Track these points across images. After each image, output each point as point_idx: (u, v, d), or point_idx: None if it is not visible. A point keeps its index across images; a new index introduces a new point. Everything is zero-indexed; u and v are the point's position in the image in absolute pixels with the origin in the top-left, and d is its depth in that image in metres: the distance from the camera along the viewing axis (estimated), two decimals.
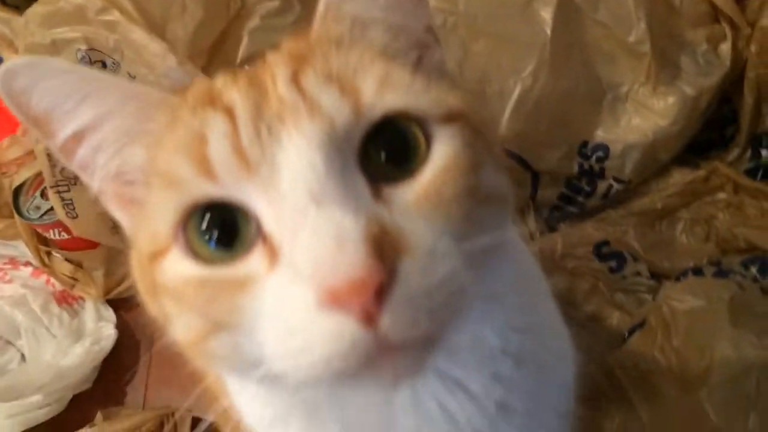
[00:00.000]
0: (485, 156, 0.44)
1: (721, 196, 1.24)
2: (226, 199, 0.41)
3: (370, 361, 0.37)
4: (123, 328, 1.43)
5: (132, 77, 1.05)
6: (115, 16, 1.05)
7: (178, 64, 1.01)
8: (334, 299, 0.36)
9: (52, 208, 1.32)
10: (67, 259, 1.45)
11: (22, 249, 1.59)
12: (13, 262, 1.56)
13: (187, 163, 0.41)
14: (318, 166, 0.39)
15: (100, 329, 1.41)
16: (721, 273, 1.03)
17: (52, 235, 1.38)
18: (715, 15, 1.26)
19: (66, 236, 1.37)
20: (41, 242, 1.44)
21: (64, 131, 0.46)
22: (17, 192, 1.39)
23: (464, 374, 0.50)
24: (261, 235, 0.40)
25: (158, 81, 1.03)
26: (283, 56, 0.45)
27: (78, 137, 0.46)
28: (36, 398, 1.27)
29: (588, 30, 1.19)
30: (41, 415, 1.30)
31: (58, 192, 1.18)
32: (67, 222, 1.23)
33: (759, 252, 1.09)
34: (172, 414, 1.26)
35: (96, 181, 0.48)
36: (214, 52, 1.12)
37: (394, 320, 0.36)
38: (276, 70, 0.43)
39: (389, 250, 0.37)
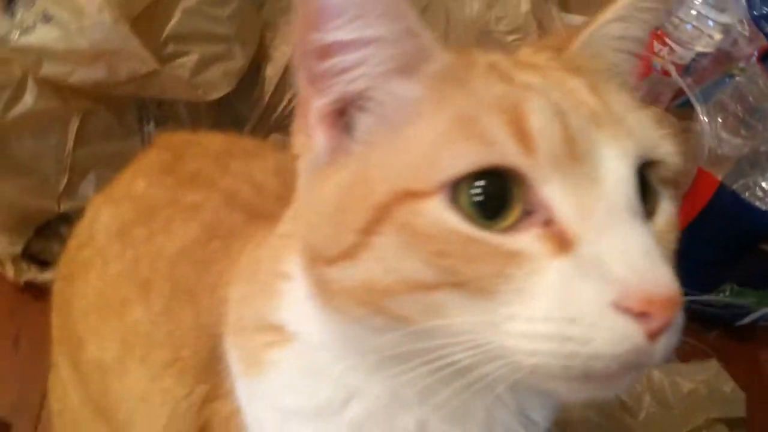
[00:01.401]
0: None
1: None
2: (523, 173, 0.40)
3: (627, 370, 0.40)
4: None
5: (48, 17, 0.91)
6: None
7: (113, 22, 0.89)
8: (644, 306, 0.37)
9: None
10: None
11: None
12: None
13: (500, 127, 0.40)
14: (631, 180, 0.41)
15: None
16: None
17: None
18: None
19: None
20: None
21: (328, 36, 0.44)
22: None
23: (528, 403, 0.52)
24: (538, 217, 0.41)
25: (81, 32, 0.90)
26: (557, 61, 0.48)
27: (339, 47, 0.44)
28: None
29: None
30: None
31: None
32: None
33: None
34: None
35: (326, 93, 0.46)
36: (141, 21, 1.02)
37: (666, 342, 0.39)
38: (562, 72, 0.46)
39: None
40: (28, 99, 1.04)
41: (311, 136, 0.48)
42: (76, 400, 0.80)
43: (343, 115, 0.47)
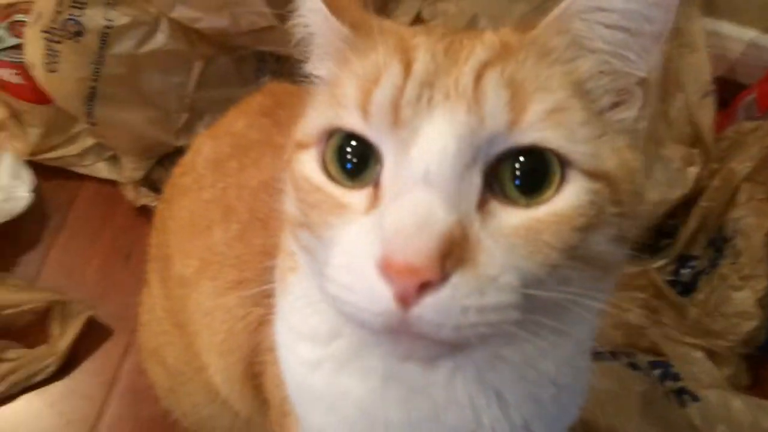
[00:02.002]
0: (610, 224, 0.44)
1: (640, 295, 1.36)
2: (367, 139, 0.44)
3: (391, 332, 0.41)
4: (37, 196, 1.33)
5: None
6: None
7: None
8: (388, 269, 0.38)
9: (18, 47, 1.21)
10: (3, 103, 1.32)
11: None
12: None
13: (354, 93, 0.44)
14: (448, 153, 0.40)
15: (14, 188, 1.30)
16: (633, 366, 1.14)
17: (4, 74, 1.25)
18: (695, 141, 1.39)
19: (21, 81, 1.25)
20: None
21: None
22: None
23: (504, 384, 0.53)
24: (372, 184, 0.44)
25: None
26: (492, 42, 0.46)
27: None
28: None
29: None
30: None
31: (49, 39, 1.08)
32: (40, 72, 1.13)
33: (662, 358, 1.21)
34: (64, 303, 1.19)
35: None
36: None
37: (422, 315, 0.39)
38: (476, 51, 0.44)
39: (456, 256, 0.39)
40: (160, 37, 1.14)
41: None
42: (160, 313, 0.89)
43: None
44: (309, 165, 0.46)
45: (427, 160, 0.40)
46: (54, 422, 1.12)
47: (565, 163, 0.42)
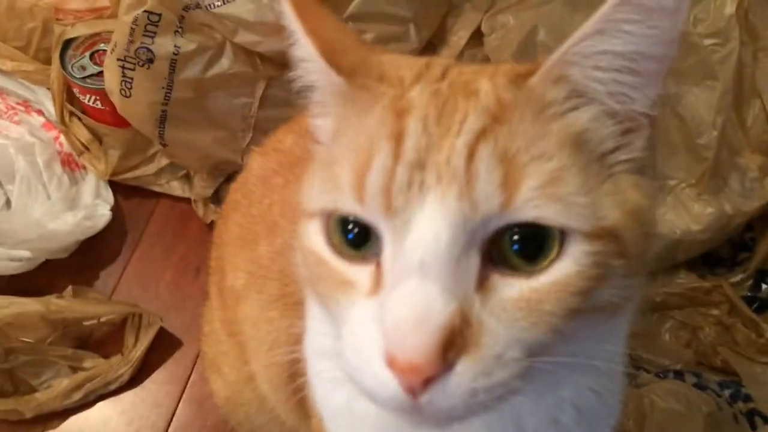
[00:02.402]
0: (616, 275, 0.42)
1: (715, 312, 1.30)
2: (366, 222, 0.43)
3: (404, 412, 0.41)
4: (117, 213, 1.41)
5: None
6: None
7: None
8: (392, 365, 0.39)
9: (99, 74, 1.30)
10: (86, 127, 1.41)
11: (40, 96, 1.54)
12: (26, 105, 1.51)
13: (348, 177, 0.43)
14: (441, 242, 0.39)
15: (96, 206, 1.39)
16: (701, 386, 1.08)
17: (87, 100, 1.35)
18: None
19: (101, 106, 1.34)
20: (68, 100, 1.41)
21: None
22: (66, 45, 1.36)
23: (522, 410, 0.52)
24: (375, 262, 0.43)
25: (270, 6, 1.01)
26: (486, 102, 0.43)
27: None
28: (16, 251, 1.25)
29: (665, 118, 1.23)
30: (11, 268, 1.28)
31: (123, 67, 1.15)
32: (117, 98, 1.21)
33: (734, 377, 1.15)
34: (140, 315, 1.26)
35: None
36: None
37: (431, 401, 0.40)
38: (469, 118, 0.42)
39: (458, 345, 0.39)
40: (225, 62, 1.20)
41: None
42: (217, 324, 0.93)
43: None
44: (315, 238, 0.46)
45: (421, 250, 0.40)
46: (124, 429, 1.18)
47: (563, 230, 0.41)
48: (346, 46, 0.48)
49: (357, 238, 0.44)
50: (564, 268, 0.40)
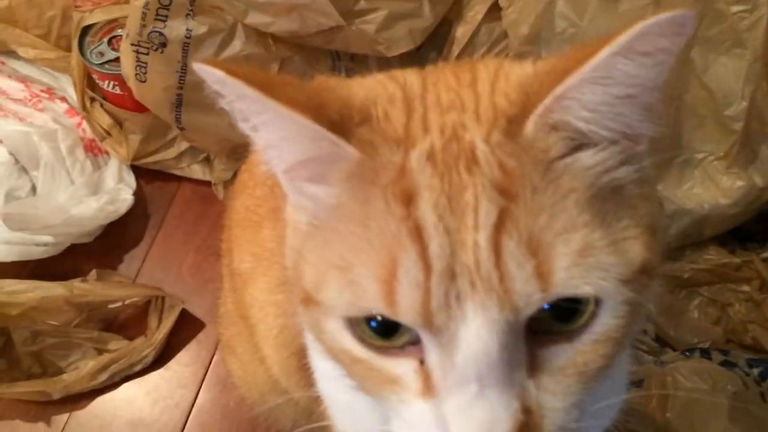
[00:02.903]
0: (648, 295, 0.43)
1: (745, 288, 1.26)
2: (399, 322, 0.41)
3: None
4: (139, 197, 1.43)
5: None
6: None
7: None
8: None
9: (116, 60, 1.30)
10: (107, 112, 1.43)
11: (62, 83, 1.57)
12: (50, 92, 1.54)
13: (375, 288, 0.40)
14: (493, 353, 0.39)
15: (119, 191, 1.40)
16: (728, 364, 1.05)
17: (106, 85, 1.36)
18: None
19: (119, 92, 1.35)
20: (89, 87, 1.42)
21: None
22: (85, 31, 1.37)
23: None
24: (418, 357, 0.42)
25: None
26: (489, 177, 0.39)
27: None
28: (41, 237, 1.28)
29: (691, 89, 1.19)
30: (36, 253, 1.31)
31: (137, 51, 1.16)
32: (132, 82, 1.21)
33: (764, 355, 1.12)
34: (163, 298, 1.28)
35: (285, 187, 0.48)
36: None
37: None
38: (481, 209, 0.39)
39: None
40: (237, 43, 1.19)
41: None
42: (230, 305, 0.93)
43: None
44: (341, 338, 0.43)
45: (475, 365, 0.39)
46: (149, 409, 1.20)
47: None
48: (322, 99, 0.42)
49: (382, 327, 0.42)
50: (604, 323, 0.41)
